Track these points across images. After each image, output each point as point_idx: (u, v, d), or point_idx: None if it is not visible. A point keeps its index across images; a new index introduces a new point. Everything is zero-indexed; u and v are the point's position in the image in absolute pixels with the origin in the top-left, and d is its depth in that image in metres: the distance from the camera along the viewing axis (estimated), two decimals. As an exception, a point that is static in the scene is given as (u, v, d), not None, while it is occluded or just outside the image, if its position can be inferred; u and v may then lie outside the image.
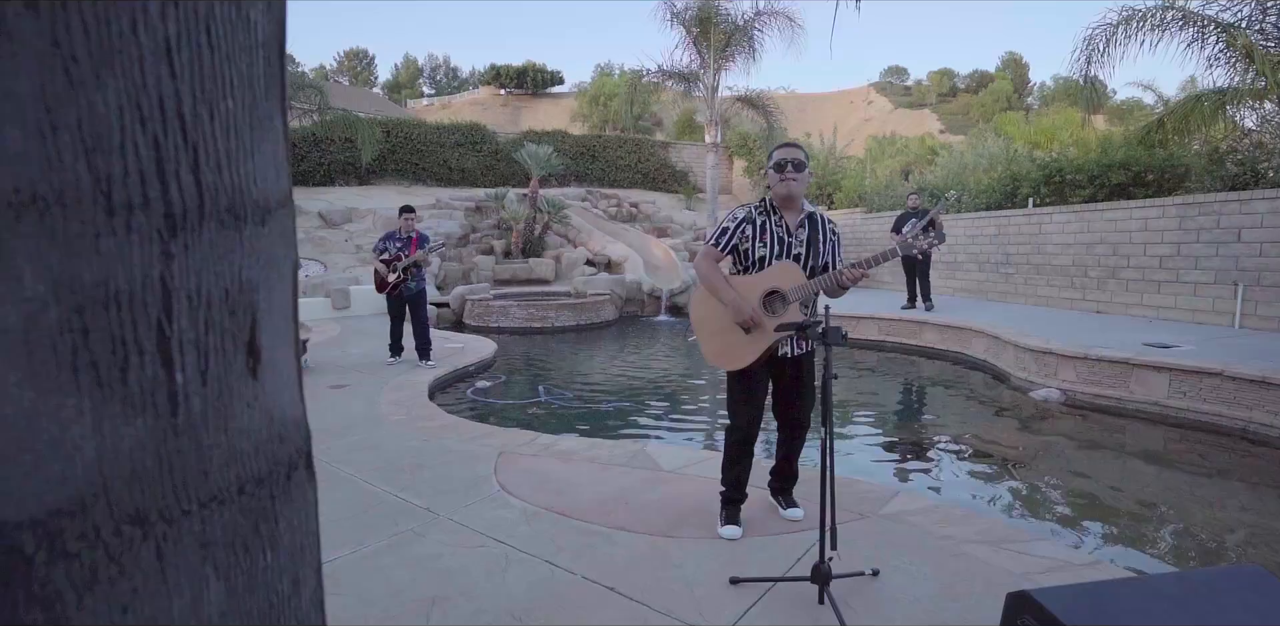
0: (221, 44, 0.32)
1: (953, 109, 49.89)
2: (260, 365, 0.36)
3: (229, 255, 0.33)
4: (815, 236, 2.64)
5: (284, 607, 0.38)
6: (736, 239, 2.65)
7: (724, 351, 2.59)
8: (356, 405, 5.05)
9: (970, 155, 14.64)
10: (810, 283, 2.48)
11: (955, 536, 2.64)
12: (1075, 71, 8.27)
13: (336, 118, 12.37)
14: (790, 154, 2.59)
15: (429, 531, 2.77)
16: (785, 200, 2.62)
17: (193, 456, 0.32)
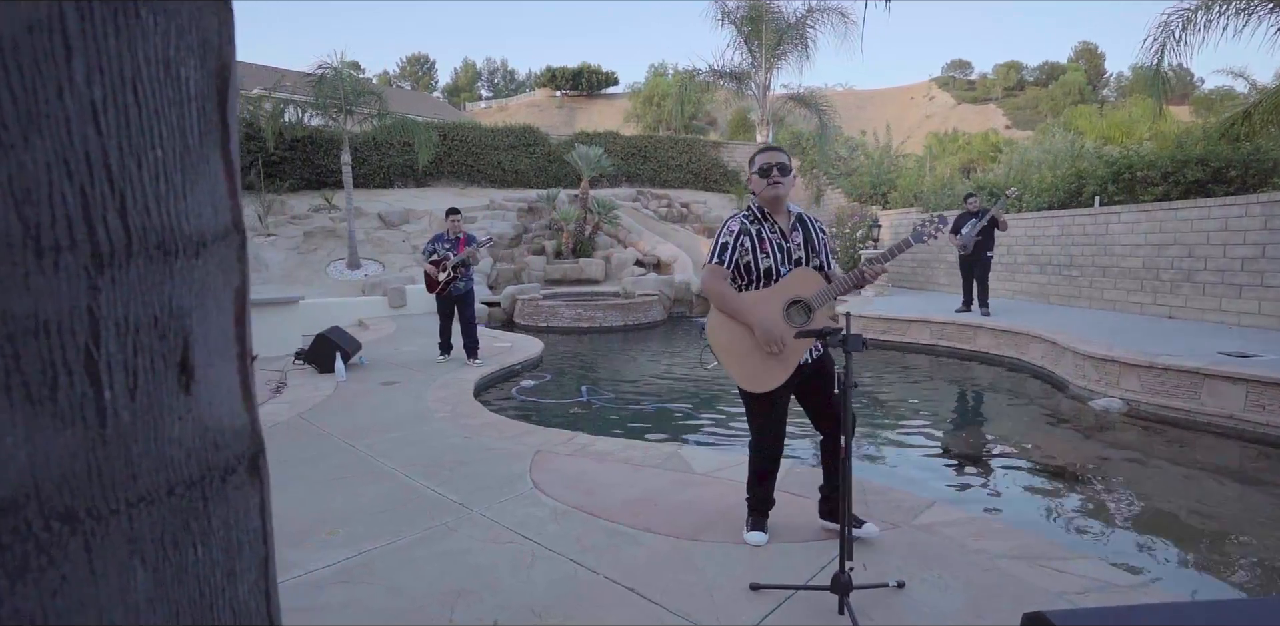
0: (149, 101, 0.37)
1: (1019, 103, 47.80)
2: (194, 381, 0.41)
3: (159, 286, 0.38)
4: (810, 237, 2.61)
5: (216, 598, 0.43)
6: (738, 253, 2.57)
7: (758, 373, 2.47)
8: (405, 402, 5.24)
9: (1036, 151, 14.02)
10: (831, 286, 2.44)
11: (989, 551, 2.56)
12: (1148, 60, 7.80)
13: (394, 122, 12.81)
14: (774, 158, 2.54)
15: (461, 526, 2.87)
16: (774, 204, 2.56)
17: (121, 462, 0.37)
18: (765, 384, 2.47)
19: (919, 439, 5.07)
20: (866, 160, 15.65)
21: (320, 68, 12.17)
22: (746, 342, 2.48)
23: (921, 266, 12.46)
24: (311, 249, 13.38)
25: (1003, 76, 53.57)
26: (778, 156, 2.55)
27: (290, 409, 5.06)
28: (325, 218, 14.57)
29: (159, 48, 0.37)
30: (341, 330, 6.88)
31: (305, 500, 3.23)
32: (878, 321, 8.90)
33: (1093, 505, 3.76)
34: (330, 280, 12.43)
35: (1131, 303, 8.13)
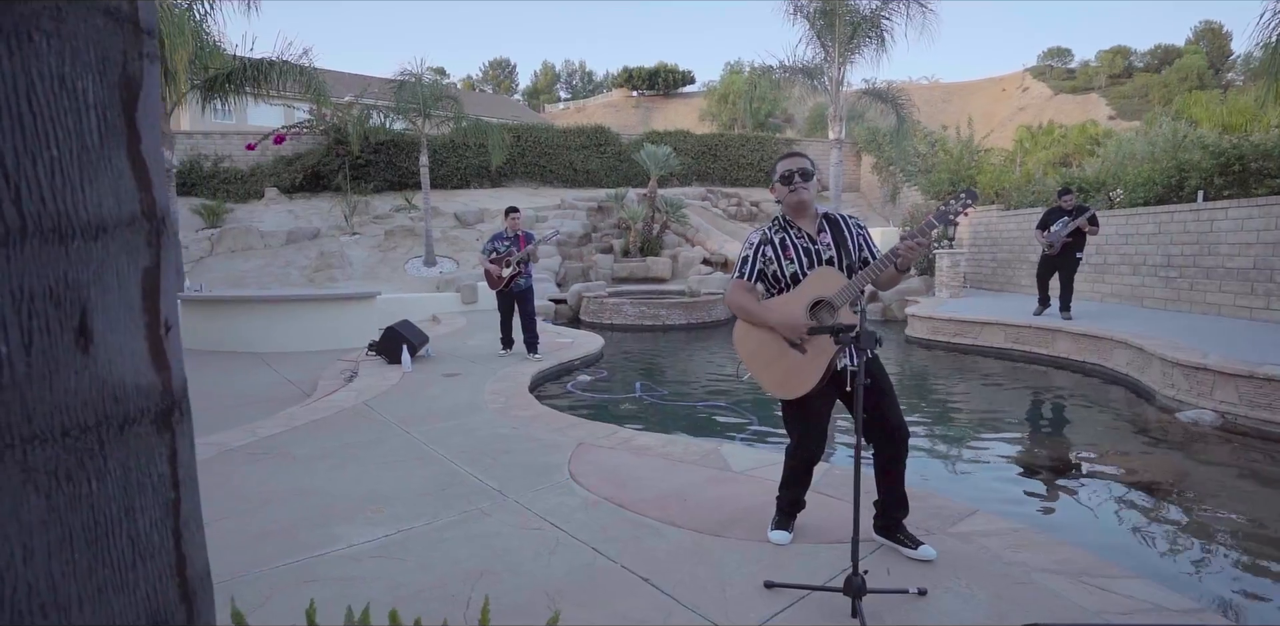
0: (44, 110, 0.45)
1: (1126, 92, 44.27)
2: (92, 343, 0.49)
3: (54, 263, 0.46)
4: (841, 235, 2.54)
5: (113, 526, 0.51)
6: (760, 264, 2.57)
7: (786, 379, 2.45)
8: (463, 393, 5.48)
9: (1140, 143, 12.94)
10: (854, 281, 2.37)
11: (1028, 563, 2.44)
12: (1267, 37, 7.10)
13: (470, 125, 13.34)
14: (795, 164, 2.52)
15: (495, 511, 2.99)
16: (798, 210, 2.55)
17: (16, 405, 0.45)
18: (794, 390, 2.43)
19: (985, 445, 4.85)
20: (946, 156, 14.95)
21: (401, 74, 12.81)
22: (772, 349, 2.46)
23: (1003, 267, 11.83)
24: (392, 247, 14.11)
25: (1108, 63, 49.65)
26: (799, 162, 2.54)
27: (356, 396, 5.39)
28: (405, 217, 15.34)
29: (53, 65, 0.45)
30: (410, 324, 7.24)
31: (359, 480, 3.45)
32: (949, 323, 8.53)
33: (1169, 525, 3.49)
34: (407, 277, 13.08)
35: (1239, 307, 7.43)
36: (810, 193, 2.51)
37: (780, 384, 2.45)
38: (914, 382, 7.17)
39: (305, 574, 2.44)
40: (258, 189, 16.20)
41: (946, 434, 5.13)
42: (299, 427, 4.46)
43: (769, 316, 2.45)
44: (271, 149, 16.62)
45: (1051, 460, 4.55)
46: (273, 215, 15.32)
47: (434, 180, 16.97)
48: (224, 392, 6.03)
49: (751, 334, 2.52)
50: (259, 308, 8.61)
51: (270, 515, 2.99)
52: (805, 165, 2.52)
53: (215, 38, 11.13)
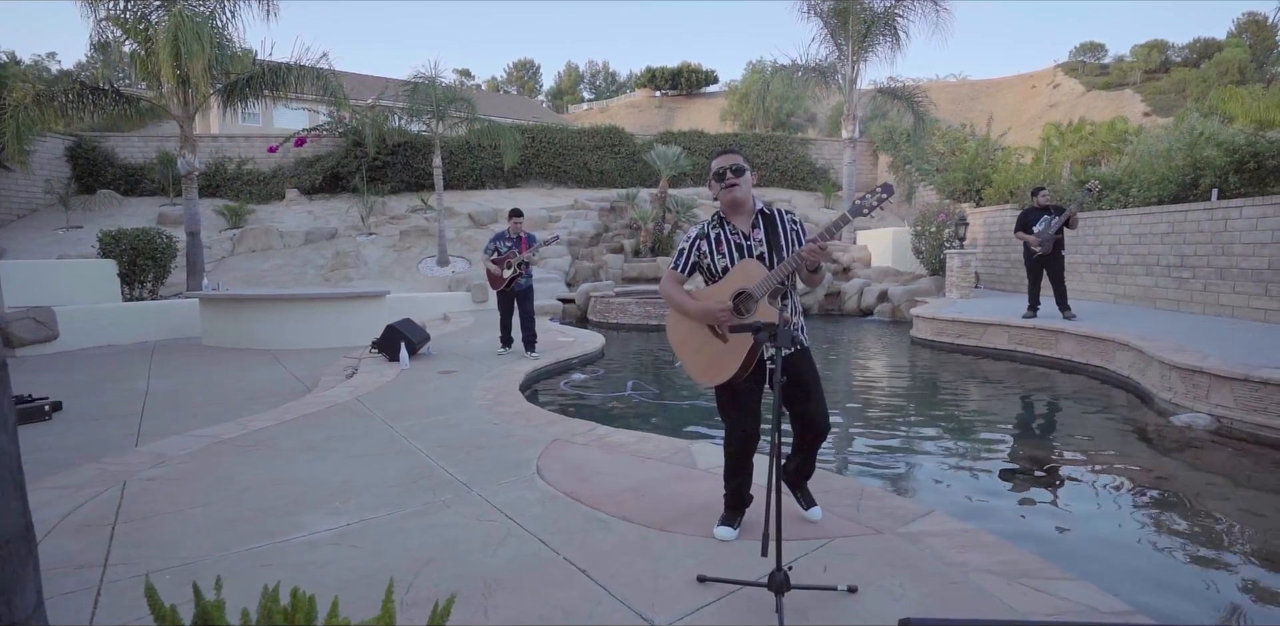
0: None
1: (1163, 87, 42.95)
2: None
3: None
4: (774, 232, 2.58)
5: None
6: (695, 256, 2.67)
7: (709, 366, 2.55)
8: (454, 390, 5.59)
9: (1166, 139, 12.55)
10: (772, 274, 2.41)
11: (969, 564, 2.44)
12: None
13: (483, 127, 13.52)
14: (727, 161, 2.57)
15: (456, 503, 3.07)
16: (732, 207, 2.61)
17: None
18: (716, 377, 2.52)
19: (976, 447, 4.80)
20: (961, 155, 14.72)
21: (415, 77, 13.04)
22: (697, 337, 2.57)
23: (1016, 267, 11.61)
24: (406, 247, 14.36)
25: (1143, 58, 48.21)
26: (731, 160, 2.58)
27: (351, 392, 5.53)
28: (420, 218, 15.59)
29: None
30: (412, 322, 7.40)
31: (336, 471, 3.56)
32: (953, 324, 8.43)
33: (1141, 529, 3.43)
34: (421, 276, 13.30)
35: (1253, 308, 7.22)
36: (744, 189, 2.57)
37: (704, 371, 2.55)
38: (913, 384, 7.11)
39: (264, 559, 2.55)
40: (279, 190, 16.61)
41: (939, 435, 5.08)
42: (290, 421, 4.61)
43: (690, 305, 2.57)
44: (293, 151, 17.03)
45: (1039, 463, 4.49)
46: (293, 216, 15.70)
47: (449, 181, 17.22)
48: (233, 388, 6.23)
49: (681, 323, 2.64)
50: (272, 306, 8.85)
51: (244, 503, 3.11)
52: (738, 162, 2.57)
53: (237, 43, 11.49)
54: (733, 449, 2.67)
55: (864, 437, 5.01)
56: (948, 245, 11.38)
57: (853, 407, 5.95)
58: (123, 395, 5.99)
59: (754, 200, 2.65)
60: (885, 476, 4.16)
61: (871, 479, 4.09)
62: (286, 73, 11.58)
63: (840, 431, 5.14)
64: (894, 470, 4.27)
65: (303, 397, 5.53)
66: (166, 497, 3.18)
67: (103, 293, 10.25)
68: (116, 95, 10.85)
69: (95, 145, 16.19)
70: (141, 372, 7.07)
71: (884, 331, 10.40)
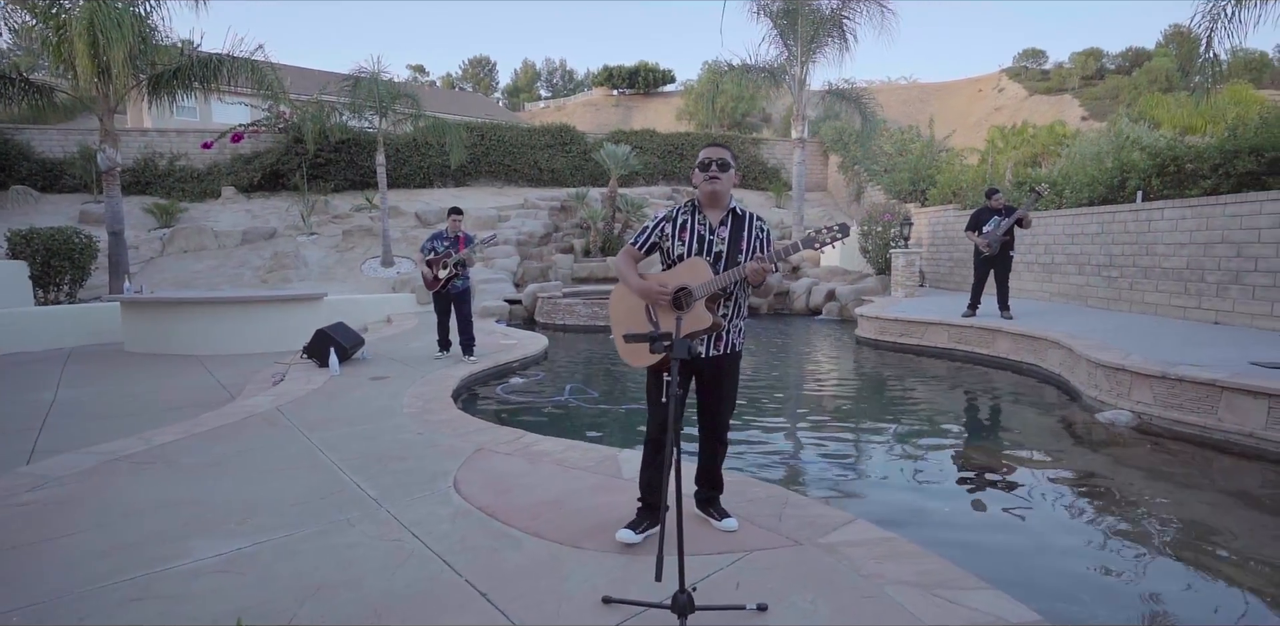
0: None
1: (1099, 93, 44.76)
2: None
3: None
4: (739, 234, 2.60)
5: None
6: (655, 237, 2.68)
7: (634, 348, 2.53)
8: (382, 397, 5.37)
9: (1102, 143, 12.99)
10: (716, 278, 2.40)
11: (886, 575, 2.39)
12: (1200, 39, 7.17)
13: (429, 124, 13.17)
14: (715, 153, 2.58)
15: (362, 522, 2.90)
16: (710, 199, 2.61)
17: None
18: (637, 360, 2.52)
19: (909, 447, 4.82)
20: (908, 156, 15.02)
21: (357, 71, 12.62)
22: (634, 318, 2.58)
23: (959, 266, 11.88)
24: (349, 247, 13.91)
25: (1080, 65, 50.19)
26: (719, 153, 2.58)
27: (274, 401, 5.26)
28: (365, 217, 15.13)
29: None
30: (345, 326, 7.11)
31: (239, 489, 3.34)
32: (895, 323, 8.53)
33: (1064, 529, 3.46)
34: (364, 277, 12.89)
35: (1174, 306, 7.50)
36: (724, 184, 2.57)
37: (631, 352, 2.55)
38: (855, 384, 7.15)
39: (136, 592, 2.34)
40: (214, 188, 15.90)
41: (876, 435, 5.09)
42: (199, 435, 4.33)
43: (634, 281, 2.56)
44: (229, 147, 16.34)
45: (971, 462, 4.53)
46: (229, 215, 15.05)
47: (396, 179, 16.77)
48: (150, 397, 5.86)
49: (623, 300, 2.65)
50: (200, 309, 8.41)
51: (127, 528, 2.87)
52: (725, 157, 2.57)
53: (164, 33, 10.90)
54: (649, 437, 2.68)
55: (802, 440, 4.99)
56: (893, 245, 11.56)
57: (794, 409, 5.94)
58: (23, 407, 5.57)
59: (730, 199, 2.65)
60: (818, 480, 4.13)
61: (807, 482, 4.06)
62: (218, 65, 11.04)
63: (781, 434, 5.11)
64: (828, 473, 4.25)
65: (221, 408, 5.23)
66: (38, 525, 2.91)
67: (12, 296, 9.61)
68: (26, 85, 10.18)
69: (8, 138, 15.18)
70: (50, 382, 6.61)
71: (831, 330, 10.49)
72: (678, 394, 1.91)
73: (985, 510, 3.66)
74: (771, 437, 4.99)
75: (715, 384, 2.61)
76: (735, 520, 2.72)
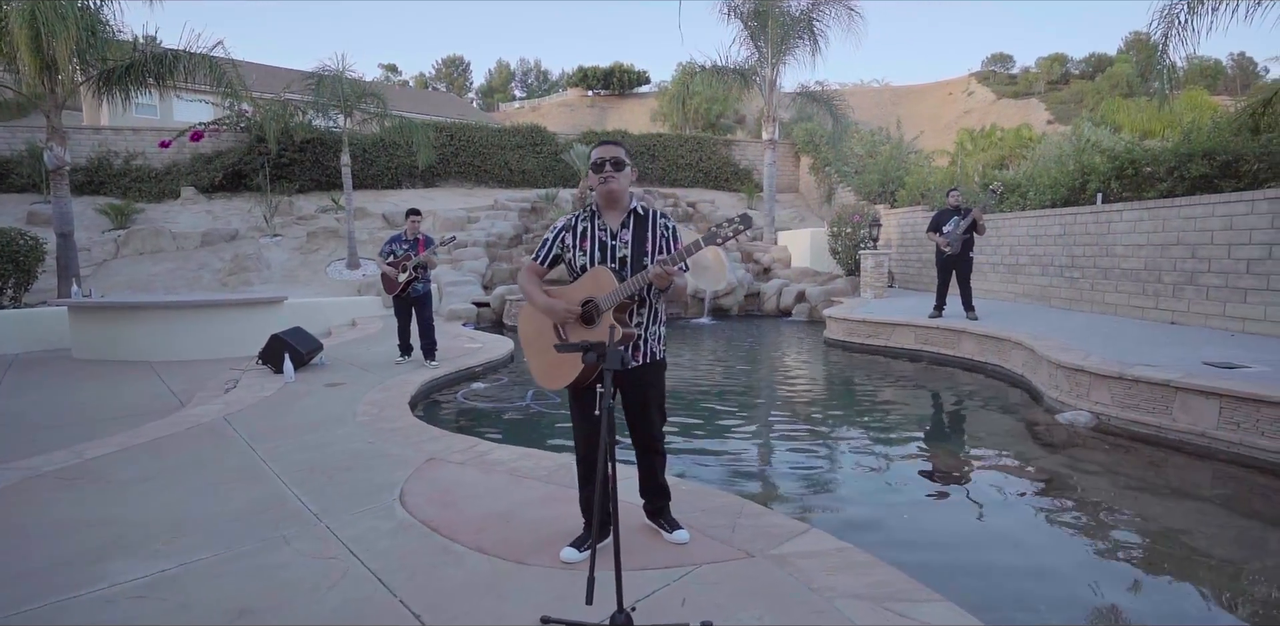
0: None
1: (1063, 97, 45.87)
2: None
3: None
4: (642, 235, 2.45)
5: None
6: (557, 249, 2.55)
7: (549, 370, 2.44)
8: (335, 405, 5.20)
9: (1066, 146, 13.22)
10: (621, 287, 2.27)
11: (837, 588, 2.32)
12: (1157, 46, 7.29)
13: (396, 124, 12.93)
14: (608, 152, 2.42)
15: (298, 539, 2.76)
16: (608, 201, 2.47)
17: None
18: (553, 382, 2.42)
19: (872, 451, 4.79)
20: (881, 158, 15.14)
21: (320, 69, 12.34)
22: (545, 339, 2.45)
23: (927, 266, 11.98)
24: (314, 249, 13.60)
25: (1046, 70, 51.37)
26: (612, 151, 2.43)
27: (222, 410, 5.06)
28: (330, 218, 14.81)
29: None
30: (302, 331, 6.91)
31: (171, 505, 3.17)
32: (862, 325, 8.55)
33: (1015, 535, 3.44)
34: (329, 280, 12.61)
35: (1133, 307, 7.62)
36: (621, 183, 2.42)
37: (543, 373, 2.46)
38: (822, 386, 7.14)
39: (42, 620, 2.18)
40: (173, 188, 15.43)
41: (841, 439, 5.06)
42: (136, 447, 4.14)
43: (539, 299, 2.45)
44: (190, 146, 15.88)
45: (933, 465, 4.51)
46: (189, 216, 14.62)
47: (363, 180, 16.45)
48: (95, 406, 5.60)
49: (532, 320, 2.53)
50: (153, 314, 8.11)
51: (42, 551, 2.70)
52: (618, 154, 2.42)
53: (115, 26, 10.53)
54: (580, 454, 2.58)
55: (766, 445, 4.94)
56: (862, 246, 11.62)
57: (759, 413, 5.89)
58: (-47, 419, 5.29)
59: (630, 198, 2.51)
60: (780, 486, 4.07)
61: (768, 489, 4.00)
62: (174, 61, 10.68)
63: (745, 439, 5.05)
64: (790, 480, 4.19)
65: (165, 418, 5.01)
66: (-59, 548, 2.72)
67: (-47, 301, 9.19)
68: (-33, 81, 9.76)
69: (-48, 136, 14.61)
70: (-14, 391, 6.30)
71: (800, 332, 10.50)
72: (610, 405, 1.82)
73: (947, 515, 3.64)
74: (735, 443, 4.93)
75: (639, 396, 2.48)
76: (686, 531, 2.63)
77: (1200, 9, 6.75)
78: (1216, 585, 2.89)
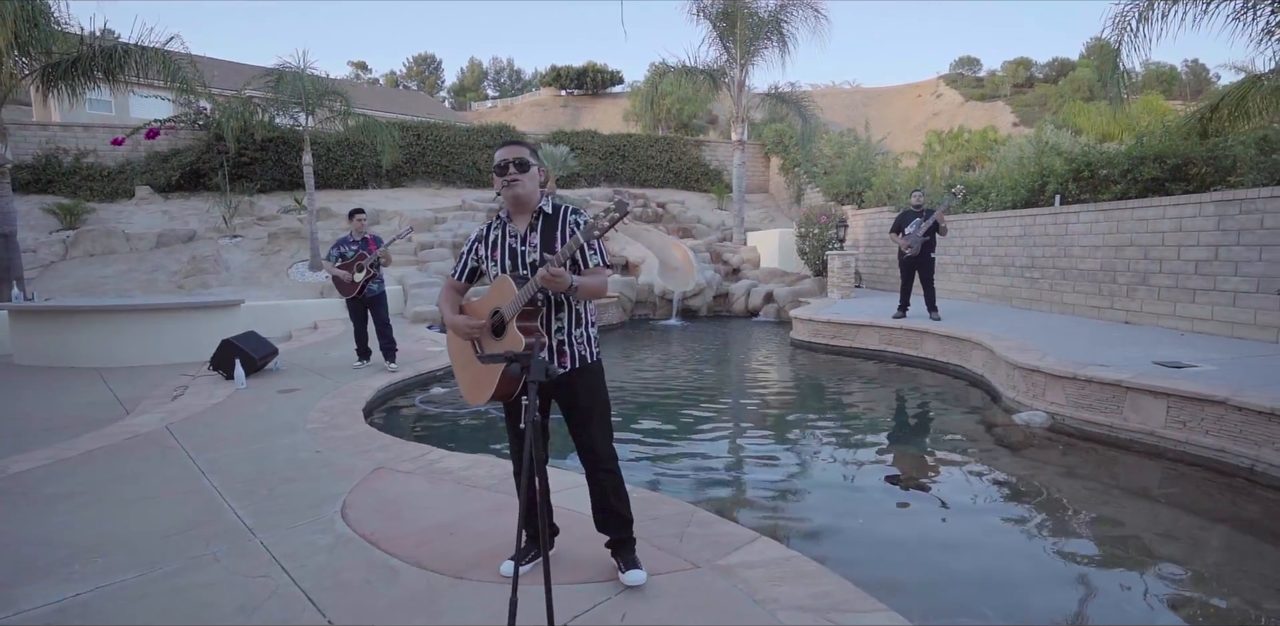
0: None
1: (1028, 100, 46.90)
2: None
3: None
4: (551, 236, 2.29)
5: None
6: (472, 261, 2.42)
7: (473, 384, 2.32)
8: (286, 412, 5.04)
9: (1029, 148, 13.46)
10: (520, 294, 2.16)
11: (781, 600, 2.28)
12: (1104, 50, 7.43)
13: (359, 123, 12.68)
14: (511, 153, 2.26)
15: (228, 556, 2.64)
16: (515, 205, 2.32)
17: None
18: (476, 397, 2.31)
19: (832, 454, 4.78)
20: (848, 159, 15.28)
21: (280, 65, 12.04)
22: (466, 353, 2.36)
23: (893, 267, 12.07)
24: (275, 250, 13.27)
25: (1011, 73, 52.51)
26: (515, 151, 2.27)
27: (165, 419, 4.87)
28: (293, 219, 14.48)
29: None
30: (256, 335, 6.71)
31: (98, 523, 3.02)
32: (827, 325, 8.59)
33: (968, 537, 3.45)
34: (291, 282, 12.30)
35: (1090, 307, 7.76)
36: (527, 186, 2.27)
37: (469, 388, 2.36)
38: (785, 388, 7.15)
39: (-61, 652, 2.04)
40: (127, 187, 14.93)
41: (800, 441, 5.05)
42: (68, 460, 3.95)
43: (447, 317, 2.37)
44: (145, 144, 15.40)
45: (889, 468, 4.52)
46: (144, 216, 14.17)
47: (328, 180, 16.12)
48: (32, 416, 5.35)
49: (454, 338, 2.44)
50: (100, 318, 7.81)
51: (-52, 574, 2.54)
52: (522, 155, 2.27)
53: (59, 19, 10.14)
54: (515, 469, 2.49)
55: (725, 449, 4.90)
56: (829, 246, 11.69)
57: (720, 416, 5.87)
58: (-125, 431, 5.01)
59: (542, 197, 2.36)
60: (736, 492, 4.04)
61: (724, 495, 3.96)
62: (125, 55, 10.32)
63: (705, 442, 5.01)
64: (747, 485, 4.16)
65: (104, 428, 4.81)
66: None
67: (-115, 305, 8.74)
68: (-99, 75, 9.30)
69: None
70: (-85, 401, 6.00)
71: (768, 333, 10.52)
72: (535, 419, 1.75)
73: (902, 520, 3.63)
74: (696, 447, 4.89)
75: (572, 405, 2.35)
76: (643, 573, 2.36)
77: (1151, 16, 6.89)
78: (1160, 585, 2.92)
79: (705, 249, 14.13)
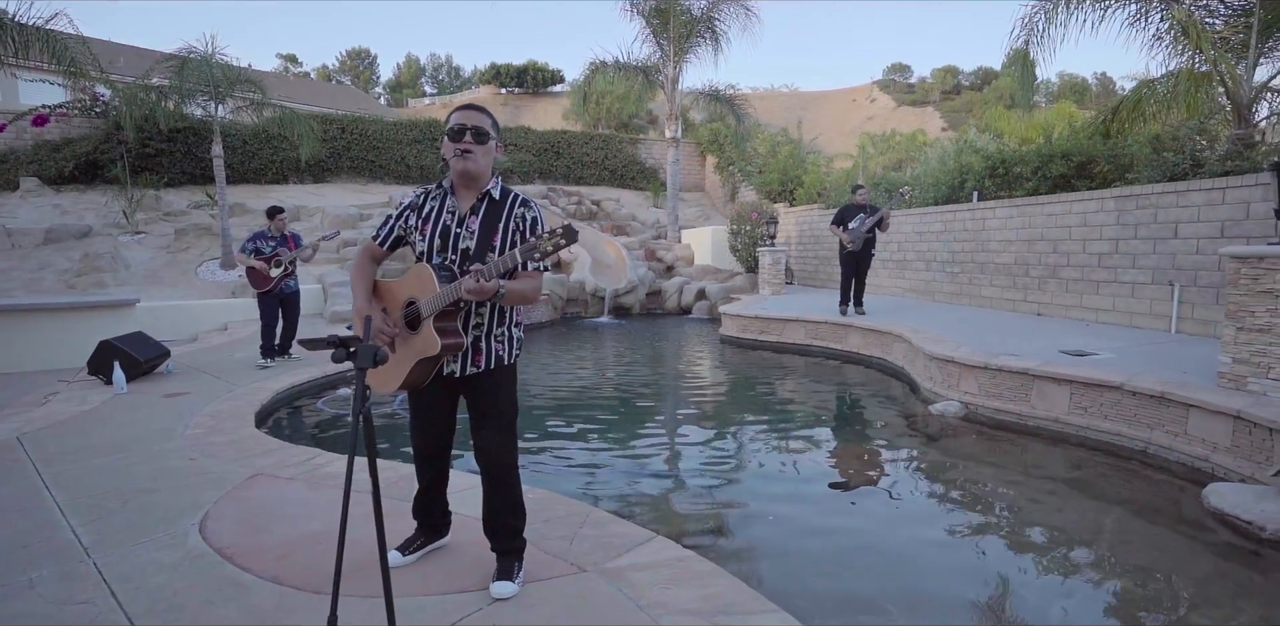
0: None
1: (955, 107, 48.93)
2: None
3: None
4: (492, 225, 2.06)
5: None
6: (400, 229, 2.18)
7: (381, 372, 2.12)
8: (166, 417, 4.61)
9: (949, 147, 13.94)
10: (441, 294, 1.95)
11: (668, 603, 2.12)
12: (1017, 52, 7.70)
13: (277, 114, 11.99)
14: (470, 119, 2.00)
15: (47, 581, 2.31)
16: (463, 179, 2.07)
17: None
18: (383, 385, 2.14)
19: (745, 450, 4.69)
20: (781, 159, 15.46)
21: (183, 51, 11.27)
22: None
23: (824, 264, 12.27)
24: (183, 248, 12.43)
25: (940, 80, 54.75)
26: (475, 117, 2.02)
27: (20, 427, 4.38)
28: (204, 214, 13.61)
29: None
30: (143, 337, 6.19)
31: (-95, 547, 2.62)
32: (755, 321, 8.59)
33: (876, 530, 3.39)
34: (200, 281, 11.53)
35: (1005, 300, 8.00)
36: (479, 162, 2.02)
37: (376, 378, 2.15)
38: (708, 382, 7.08)
39: None
40: (12, 178, 13.70)
41: (712, 438, 4.95)
42: (-111, 475, 3.47)
43: (356, 295, 2.15)
44: (32, 131, 14.20)
45: (803, 461, 4.46)
46: (30, 209, 13.03)
47: (245, 174, 15.25)
48: None
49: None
50: (-35, 320, 7.07)
51: None
52: (483, 124, 2.02)
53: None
54: (415, 456, 2.33)
55: (638, 446, 4.76)
56: (760, 243, 11.76)
57: (645, 413, 5.73)
58: None
59: (494, 179, 2.12)
60: (645, 489, 3.89)
61: (630, 493, 3.80)
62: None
63: (619, 440, 4.85)
64: (658, 481, 4.03)
65: (-51, 438, 4.28)
66: None
67: None
68: None
69: None
70: None
71: (699, 329, 10.48)
72: (362, 409, 1.55)
73: (814, 512, 3.56)
74: (608, 446, 4.73)
75: (477, 405, 2.16)
76: (512, 586, 2.15)
77: (1055, 19, 7.15)
78: (1063, 571, 2.92)
79: (639, 246, 14.02)
